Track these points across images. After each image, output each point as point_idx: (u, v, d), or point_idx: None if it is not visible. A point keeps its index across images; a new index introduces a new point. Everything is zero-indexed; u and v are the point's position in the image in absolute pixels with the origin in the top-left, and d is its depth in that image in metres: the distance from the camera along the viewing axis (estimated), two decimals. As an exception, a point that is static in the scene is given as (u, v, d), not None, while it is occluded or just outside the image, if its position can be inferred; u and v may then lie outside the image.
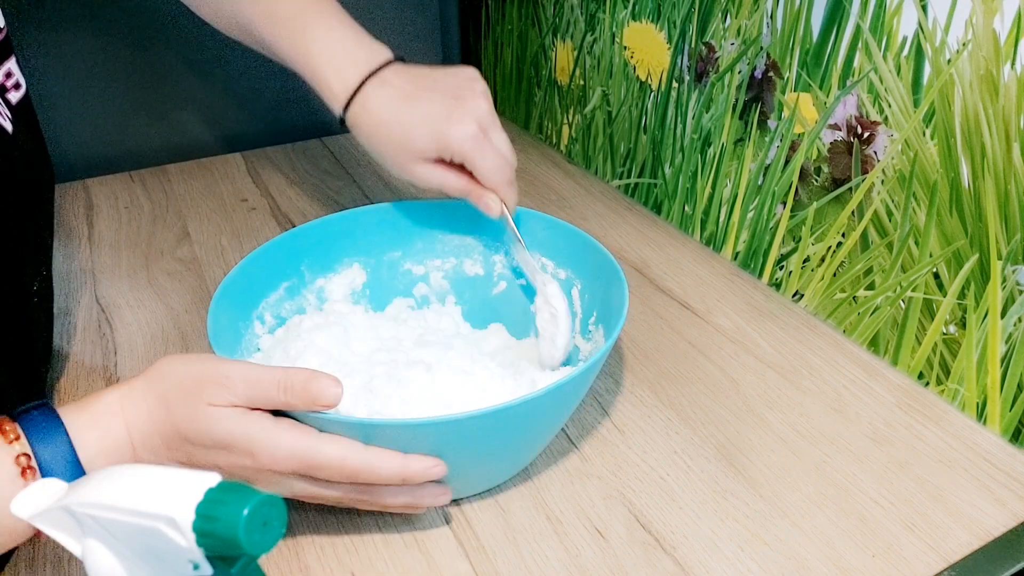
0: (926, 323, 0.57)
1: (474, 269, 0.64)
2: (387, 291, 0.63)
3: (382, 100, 0.57)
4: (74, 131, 0.95)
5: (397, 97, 0.57)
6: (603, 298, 0.57)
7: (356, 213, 0.62)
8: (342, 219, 0.61)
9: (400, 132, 0.56)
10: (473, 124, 0.54)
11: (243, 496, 0.29)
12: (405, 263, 0.64)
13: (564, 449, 0.54)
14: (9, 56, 0.52)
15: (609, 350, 0.48)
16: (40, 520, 0.33)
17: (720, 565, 0.46)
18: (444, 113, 0.55)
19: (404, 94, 0.56)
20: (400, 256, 0.64)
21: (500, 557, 0.47)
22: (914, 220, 0.56)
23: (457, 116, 0.54)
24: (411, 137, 0.56)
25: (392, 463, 0.42)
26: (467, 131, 0.54)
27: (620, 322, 0.49)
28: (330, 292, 0.61)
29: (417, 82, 0.57)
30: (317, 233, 0.60)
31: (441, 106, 0.55)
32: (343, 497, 0.44)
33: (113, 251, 0.78)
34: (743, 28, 0.66)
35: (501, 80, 1.07)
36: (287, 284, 0.59)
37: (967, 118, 0.51)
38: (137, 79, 0.96)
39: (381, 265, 0.63)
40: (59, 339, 0.66)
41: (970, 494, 0.50)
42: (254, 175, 0.93)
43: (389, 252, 0.63)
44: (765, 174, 0.67)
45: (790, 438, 0.55)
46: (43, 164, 0.56)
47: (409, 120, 0.56)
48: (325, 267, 0.61)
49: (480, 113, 0.55)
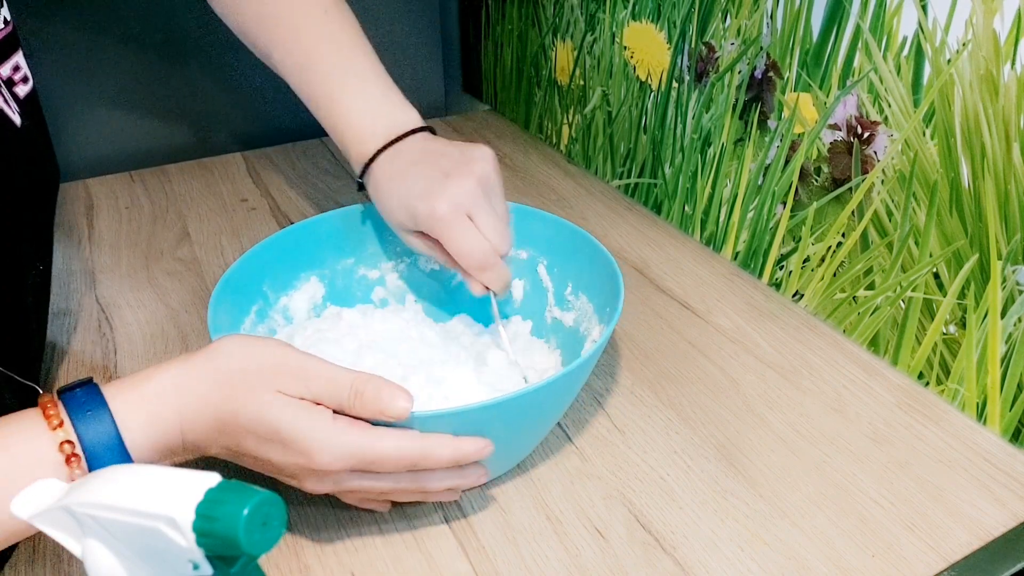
0: (926, 323, 0.57)
1: (429, 265, 0.65)
2: (345, 299, 0.63)
3: (386, 171, 0.57)
4: (75, 130, 0.95)
5: (398, 169, 0.57)
6: (579, 269, 0.59)
7: (304, 226, 0.61)
8: (291, 233, 0.60)
9: (389, 204, 0.57)
10: (445, 204, 0.53)
11: (243, 496, 0.29)
12: (359, 269, 0.64)
13: (564, 449, 0.54)
14: (16, 50, 0.51)
15: (610, 333, 0.50)
16: (40, 520, 0.33)
17: (720, 565, 0.46)
18: (424, 190, 0.54)
19: (405, 166, 0.56)
20: (353, 263, 0.64)
21: (500, 557, 0.47)
22: (914, 220, 0.56)
23: (434, 194, 0.53)
24: (393, 209, 0.56)
25: (447, 446, 0.43)
26: (436, 211, 0.53)
27: (619, 296, 0.52)
28: (294, 310, 0.61)
29: (423, 156, 0.57)
30: (272, 252, 0.59)
31: (425, 182, 0.54)
32: (392, 488, 0.44)
33: (113, 251, 0.78)
34: (743, 28, 0.66)
35: (501, 80, 1.07)
36: (256, 307, 0.58)
37: (967, 118, 0.51)
38: (137, 79, 0.96)
39: (336, 275, 0.63)
40: (59, 339, 0.66)
41: (970, 494, 0.50)
42: (254, 175, 0.93)
43: (342, 260, 0.63)
44: (765, 174, 0.67)
45: (790, 438, 0.55)
46: (49, 159, 0.56)
47: (396, 193, 0.56)
48: (285, 285, 0.60)
49: (460, 194, 0.53)
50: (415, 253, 0.63)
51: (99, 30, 0.92)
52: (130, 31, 0.94)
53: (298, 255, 0.61)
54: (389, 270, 0.65)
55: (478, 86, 1.13)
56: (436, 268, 0.65)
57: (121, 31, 0.93)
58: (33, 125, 0.52)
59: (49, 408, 0.38)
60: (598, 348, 0.48)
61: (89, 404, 0.38)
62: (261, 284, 0.58)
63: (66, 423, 0.38)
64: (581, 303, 0.59)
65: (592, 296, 0.58)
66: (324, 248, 0.62)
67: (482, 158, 0.56)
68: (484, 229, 0.54)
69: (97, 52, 0.92)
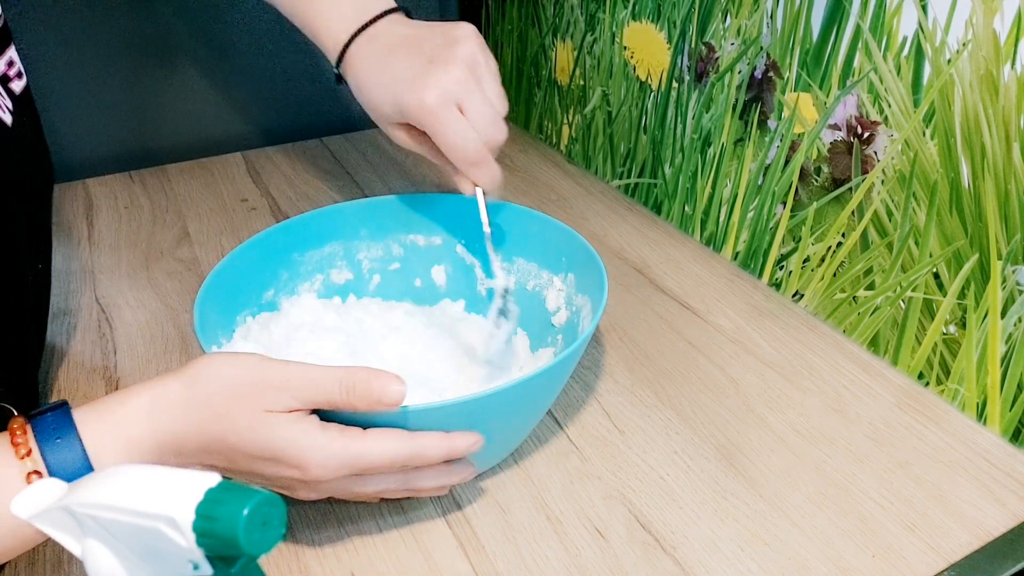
0: (926, 323, 0.57)
1: (397, 250, 0.65)
2: (334, 293, 0.64)
3: (365, 58, 0.54)
4: (74, 130, 0.95)
5: (377, 55, 0.54)
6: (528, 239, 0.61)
7: (289, 225, 0.61)
8: (278, 232, 0.60)
9: (372, 94, 0.54)
10: (434, 94, 0.50)
11: (243, 496, 0.29)
12: (347, 264, 0.64)
13: (564, 449, 0.54)
14: (9, 44, 0.51)
15: (598, 321, 0.50)
16: (40, 520, 0.33)
17: (720, 565, 0.46)
18: (409, 78, 0.51)
19: (384, 52, 0.54)
20: (343, 265, 0.64)
21: (500, 557, 0.47)
22: (914, 220, 0.56)
23: (421, 83, 0.51)
24: (379, 101, 0.54)
25: (439, 444, 0.42)
26: (424, 102, 0.50)
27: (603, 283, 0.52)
28: (283, 306, 0.61)
29: (402, 40, 0.54)
30: (256, 252, 0.58)
31: (410, 70, 0.52)
32: (383, 490, 0.44)
33: (113, 251, 0.78)
34: (743, 28, 0.66)
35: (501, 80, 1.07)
36: (246, 309, 0.58)
37: (967, 118, 0.51)
38: (138, 79, 0.96)
39: (320, 269, 0.63)
40: (59, 339, 0.66)
41: (970, 494, 0.50)
42: (254, 175, 0.93)
43: (333, 256, 0.63)
44: (765, 174, 0.67)
45: (790, 438, 0.55)
46: (43, 156, 0.56)
47: (379, 82, 0.53)
48: (270, 283, 0.60)
49: (448, 81, 0.51)
50: (404, 252, 0.64)
51: (99, 29, 0.92)
52: (130, 30, 0.93)
53: (284, 253, 0.61)
54: (367, 264, 0.65)
55: (478, 86, 1.13)
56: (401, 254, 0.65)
57: (121, 30, 0.93)
58: (26, 121, 0.51)
59: (18, 435, 0.37)
60: (587, 335, 0.48)
61: (59, 431, 0.37)
62: (248, 283, 0.58)
63: (34, 451, 0.36)
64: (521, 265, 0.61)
65: (580, 287, 0.58)
66: (308, 245, 0.62)
67: (465, 37, 0.53)
68: (475, 120, 0.52)
69: (97, 52, 0.92)
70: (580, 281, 0.58)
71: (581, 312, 0.57)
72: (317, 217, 0.62)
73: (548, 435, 0.55)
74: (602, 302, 0.51)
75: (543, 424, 0.56)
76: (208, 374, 0.40)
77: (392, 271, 0.65)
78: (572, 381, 0.60)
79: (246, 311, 0.57)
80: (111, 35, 0.93)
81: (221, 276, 0.54)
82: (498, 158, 0.55)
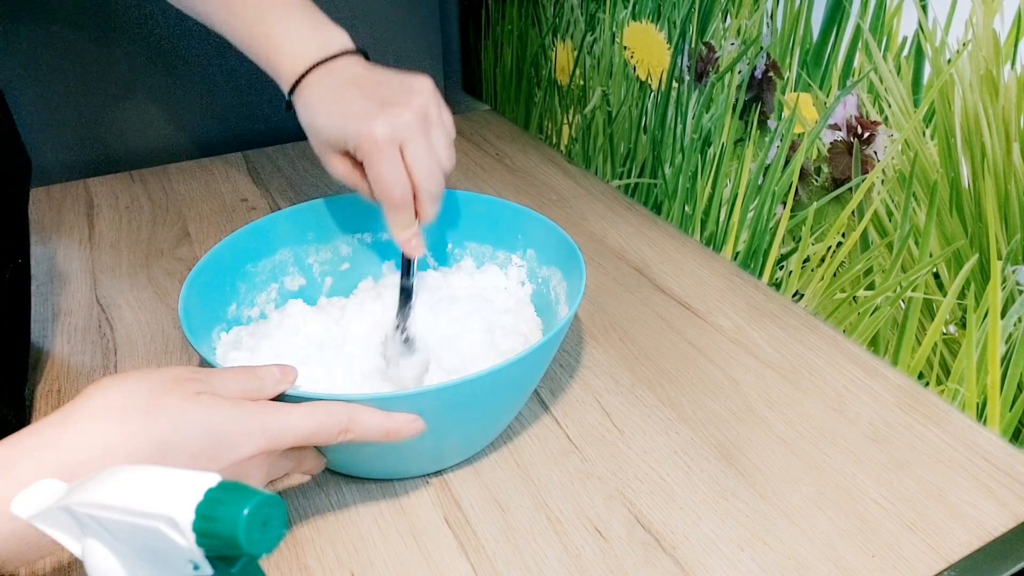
0: (926, 323, 0.57)
1: (346, 250, 0.66)
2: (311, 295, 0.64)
3: (320, 86, 0.55)
4: (74, 131, 0.95)
5: (334, 87, 0.55)
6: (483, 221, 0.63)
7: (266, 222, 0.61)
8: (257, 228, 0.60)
9: (319, 119, 0.55)
10: (382, 128, 0.51)
11: (243, 496, 0.29)
12: (294, 280, 0.64)
13: (564, 449, 0.54)
14: None
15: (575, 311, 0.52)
16: (40, 520, 0.33)
17: (720, 565, 0.46)
18: (361, 111, 0.52)
19: (340, 85, 0.54)
20: (295, 271, 0.64)
21: (500, 557, 0.47)
22: (914, 220, 0.56)
23: (371, 116, 0.52)
24: (326, 126, 0.54)
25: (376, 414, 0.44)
26: (372, 132, 0.51)
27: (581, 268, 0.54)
28: (262, 304, 0.61)
29: (359, 79, 0.55)
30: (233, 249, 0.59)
31: (363, 104, 0.53)
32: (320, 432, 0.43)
33: (113, 251, 0.78)
34: (743, 28, 0.66)
35: (501, 80, 1.07)
36: (229, 306, 0.58)
37: (967, 118, 0.51)
38: (138, 79, 0.96)
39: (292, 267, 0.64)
40: (59, 339, 0.66)
41: (970, 494, 0.50)
42: (254, 175, 0.93)
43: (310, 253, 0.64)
44: (765, 174, 0.67)
45: (790, 438, 0.55)
46: (17, 149, 0.55)
47: (329, 110, 0.54)
48: (250, 303, 0.61)
49: (398, 122, 0.52)
50: (352, 252, 0.65)
51: (99, 29, 0.92)
52: (130, 30, 0.94)
53: (239, 265, 0.60)
54: (318, 267, 0.65)
55: (478, 86, 1.13)
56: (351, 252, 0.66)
57: (121, 30, 0.93)
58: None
59: None
60: (563, 327, 0.50)
61: None
62: (212, 301, 0.58)
63: None
64: (477, 250, 0.64)
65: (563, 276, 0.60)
66: (261, 254, 0.62)
67: (421, 90, 0.54)
68: (413, 164, 0.52)
69: (97, 52, 0.92)
70: (543, 255, 0.61)
71: (551, 282, 0.60)
72: (266, 225, 0.62)
73: (548, 435, 0.55)
74: (579, 268, 0.54)
75: (543, 424, 0.56)
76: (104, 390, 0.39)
77: (343, 271, 0.65)
78: (572, 381, 0.60)
79: (218, 327, 0.57)
80: (112, 35, 0.93)
81: (189, 298, 0.54)
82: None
